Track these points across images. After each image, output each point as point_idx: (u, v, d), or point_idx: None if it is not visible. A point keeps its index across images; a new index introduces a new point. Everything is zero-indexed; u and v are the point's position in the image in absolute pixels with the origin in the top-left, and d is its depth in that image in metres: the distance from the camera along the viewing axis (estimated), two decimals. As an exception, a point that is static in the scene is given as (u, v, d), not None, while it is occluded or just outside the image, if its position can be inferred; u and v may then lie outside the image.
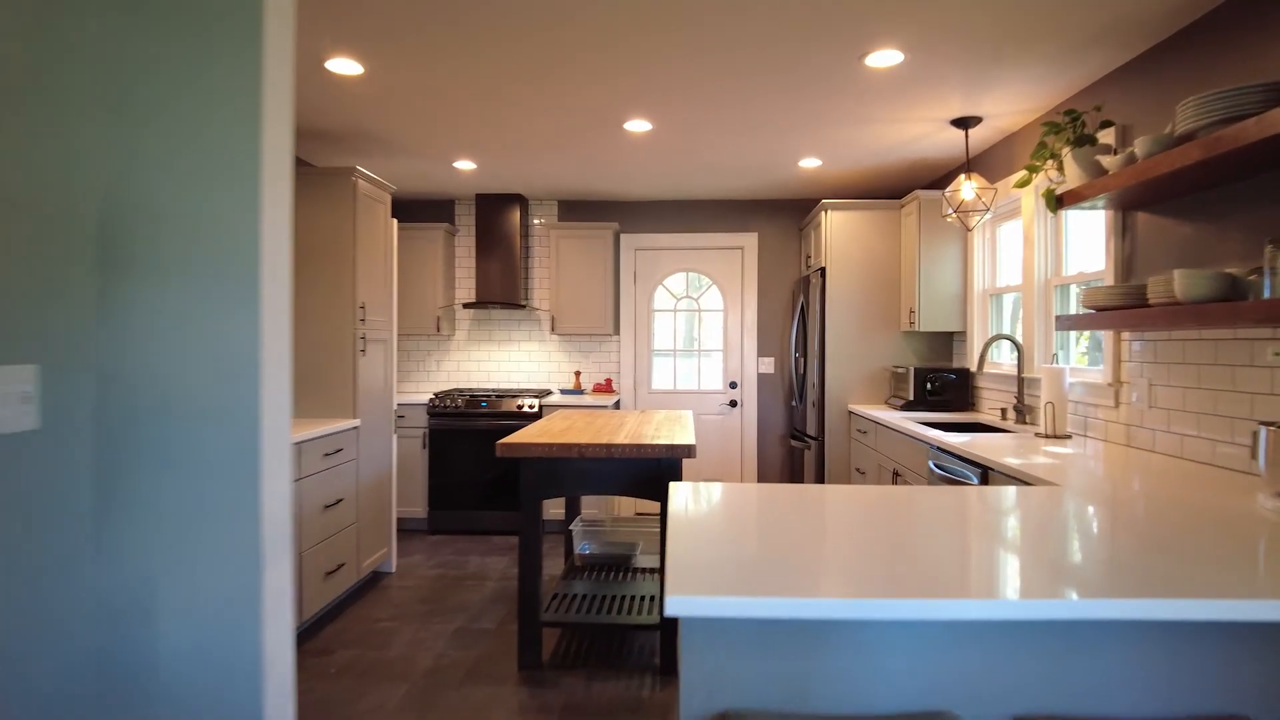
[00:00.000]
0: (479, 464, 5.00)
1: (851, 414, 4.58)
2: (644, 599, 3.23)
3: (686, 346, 5.75)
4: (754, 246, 5.63)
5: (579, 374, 5.56)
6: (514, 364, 5.72)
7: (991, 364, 4.13)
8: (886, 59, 2.86)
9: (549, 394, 5.35)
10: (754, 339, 5.63)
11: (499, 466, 5.03)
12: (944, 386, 4.19)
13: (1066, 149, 2.69)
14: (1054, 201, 2.76)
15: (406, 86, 3.21)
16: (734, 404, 5.65)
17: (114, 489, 1.39)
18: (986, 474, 2.52)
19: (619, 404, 5.62)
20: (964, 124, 3.62)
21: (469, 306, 5.35)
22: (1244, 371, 2.24)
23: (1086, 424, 3.06)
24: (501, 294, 5.34)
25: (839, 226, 4.69)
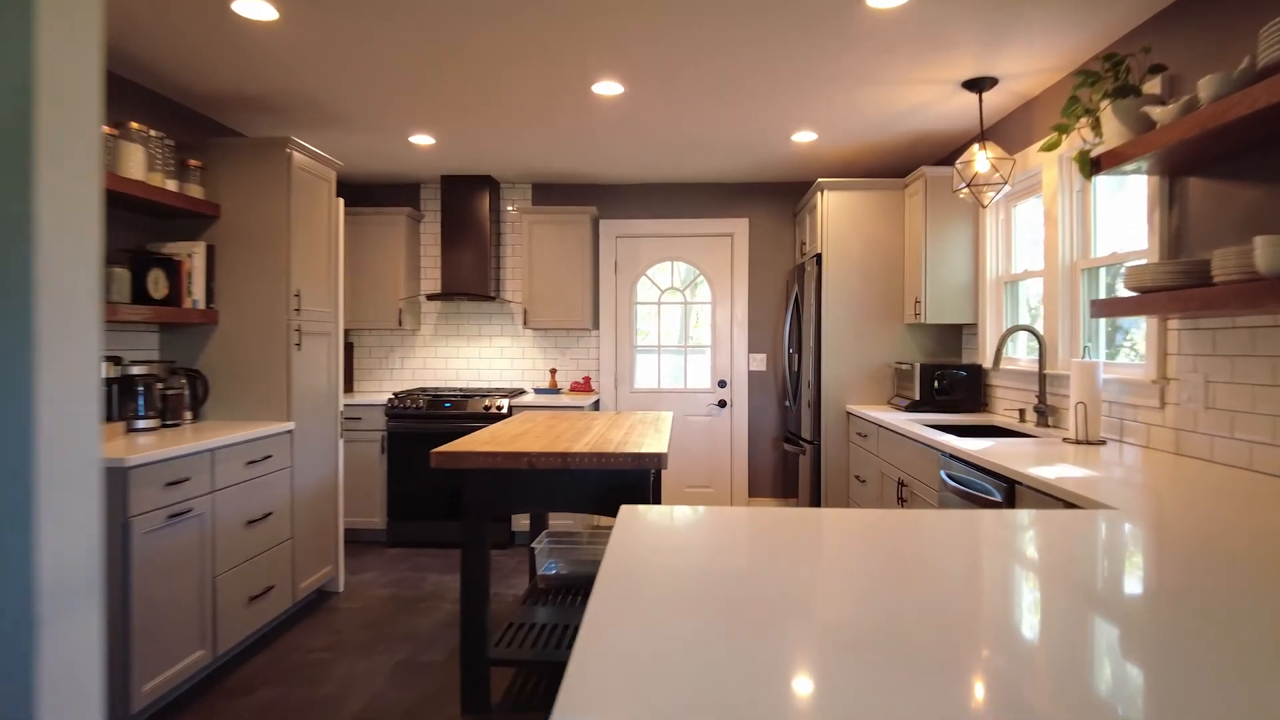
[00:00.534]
0: (442, 471, 4.55)
1: (850, 415, 4.15)
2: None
3: (671, 342, 5.31)
4: (744, 233, 5.18)
5: (554, 372, 5.12)
6: (485, 361, 5.27)
7: (1008, 359, 3.70)
8: (892, -2, 2.42)
9: (522, 393, 4.91)
10: (744, 334, 5.19)
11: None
12: (953, 385, 3.76)
13: (1105, 102, 2.27)
14: (1089, 166, 2.33)
15: (332, 35, 2.76)
16: (723, 404, 5.21)
17: None
18: (1013, 489, 2.09)
19: (598, 404, 5.18)
20: (977, 86, 3.18)
21: (434, 298, 4.90)
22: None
23: (1123, 427, 2.63)
24: (470, 285, 4.89)
25: (836, 208, 4.25)
